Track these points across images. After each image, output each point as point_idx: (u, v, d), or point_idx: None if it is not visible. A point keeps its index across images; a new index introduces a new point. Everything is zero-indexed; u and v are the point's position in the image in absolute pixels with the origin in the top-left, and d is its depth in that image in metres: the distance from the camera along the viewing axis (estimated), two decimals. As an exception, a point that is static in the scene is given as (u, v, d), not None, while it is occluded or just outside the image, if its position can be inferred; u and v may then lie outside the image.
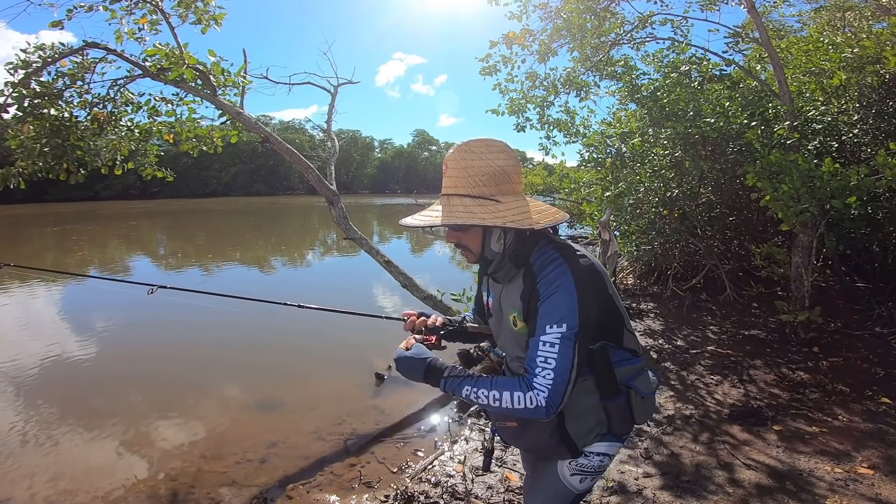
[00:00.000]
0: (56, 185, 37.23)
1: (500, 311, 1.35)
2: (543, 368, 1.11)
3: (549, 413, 1.12)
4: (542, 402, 1.11)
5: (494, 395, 1.15)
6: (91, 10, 4.22)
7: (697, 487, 2.57)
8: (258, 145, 5.03)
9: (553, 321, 1.13)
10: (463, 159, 1.21)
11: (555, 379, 1.10)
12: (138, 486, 2.90)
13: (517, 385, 1.14)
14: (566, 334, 1.11)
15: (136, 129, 4.98)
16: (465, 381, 1.20)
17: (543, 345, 1.12)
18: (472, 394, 1.18)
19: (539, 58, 6.13)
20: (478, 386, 1.18)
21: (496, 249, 1.26)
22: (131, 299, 7.98)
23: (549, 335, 1.12)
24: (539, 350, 1.13)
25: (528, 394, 1.12)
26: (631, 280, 7.43)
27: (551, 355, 1.11)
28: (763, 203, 3.93)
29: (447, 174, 1.24)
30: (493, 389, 1.16)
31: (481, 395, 1.17)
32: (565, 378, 1.11)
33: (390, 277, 4.85)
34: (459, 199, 1.20)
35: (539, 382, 1.11)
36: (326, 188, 4.84)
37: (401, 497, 2.62)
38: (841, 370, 3.96)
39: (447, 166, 1.24)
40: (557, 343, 1.11)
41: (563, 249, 1.22)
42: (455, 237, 1.29)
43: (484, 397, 1.16)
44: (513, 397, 1.13)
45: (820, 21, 6.89)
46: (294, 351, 5.51)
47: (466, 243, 1.28)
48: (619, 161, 5.46)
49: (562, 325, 1.12)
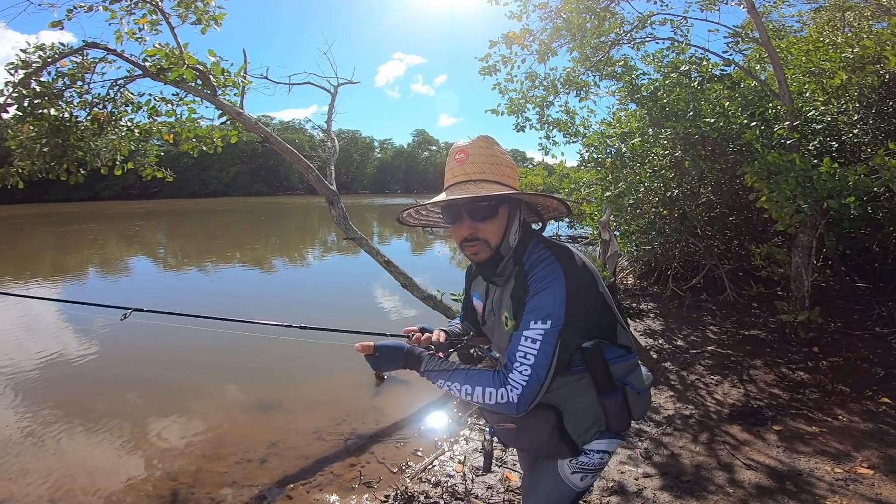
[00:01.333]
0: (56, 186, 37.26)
1: (493, 314, 1.34)
2: (521, 363, 1.10)
3: (519, 410, 1.10)
4: (515, 398, 1.09)
5: (467, 389, 1.15)
6: (91, 10, 4.22)
7: (697, 488, 2.57)
8: (258, 145, 5.05)
9: (538, 317, 1.11)
10: (488, 148, 1.23)
11: (531, 376, 1.09)
12: (138, 486, 2.90)
13: (491, 380, 1.13)
14: (549, 331, 1.10)
15: (136, 129, 4.99)
16: (441, 373, 1.19)
17: (525, 339, 1.11)
18: (446, 385, 1.18)
19: (539, 58, 6.13)
20: (452, 379, 1.17)
21: (512, 243, 1.25)
22: (131, 299, 7.98)
23: (532, 330, 1.11)
24: (520, 344, 1.11)
25: (501, 389, 1.11)
26: (631, 280, 7.43)
27: (531, 351, 1.10)
28: (760, 204, 3.93)
29: (469, 160, 1.22)
30: (467, 383, 1.15)
31: (454, 388, 1.16)
32: (542, 376, 1.09)
33: (390, 277, 4.85)
34: (490, 184, 1.20)
35: (514, 378, 1.10)
36: (326, 188, 4.84)
37: (401, 497, 2.62)
38: (841, 370, 3.96)
39: (466, 154, 1.22)
40: (539, 339, 1.10)
41: (553, 248, 1.21)
42: (473, 228, 1.22)
43: (457, 390, 1.16)
44: (484, 392, 1.12)
45: (820, 21, 6.89)
46: (294, 351, 5.51)
47: (485, 235, 1.22)
48: (619, 161, 5.45)
49: (546, 321, 1.10)
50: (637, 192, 5.83)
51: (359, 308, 7.53)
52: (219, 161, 58.54)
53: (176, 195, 52.83)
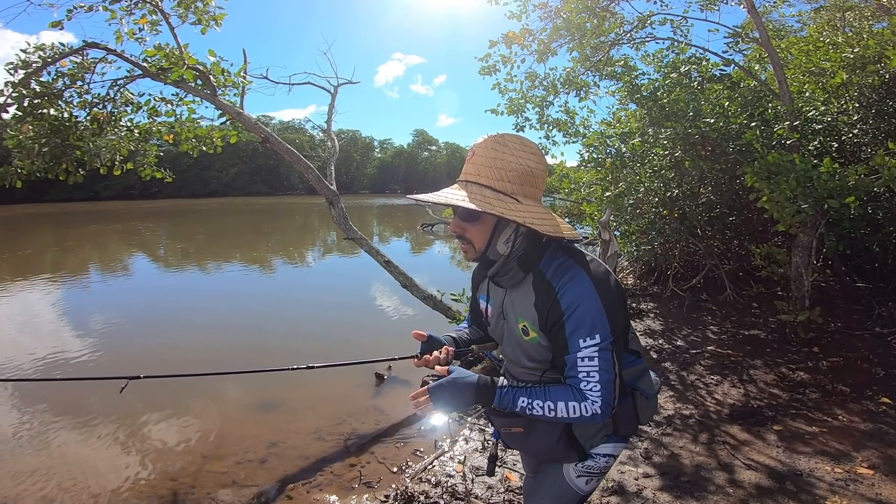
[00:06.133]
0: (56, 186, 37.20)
1: (503, 317, 1.30)
2: (588, 382, 1.10)
3: (604, 417, 1.12)
4: (598, 409, 1.10)
5: (549, 406, 1.13)
6: (91, 11, 4.23)
7: (697, 488, 2.57)
8: (258, 145, 5.04)
9: (585, 335, 1.10)
10: (494, 150, 1.16)
11: (603, 388, 1.10)
12: (138, 486, 2.90)
13: (570, 395, 1.12)
14: (602, 345, 1.10)
15: (136, 130, 4.99)
16: (519, 391, 1.16)
17: (582, 360, 1.11)
18: (528, 405, 1.14)
19: (538, 57, 6.12)
20: (532, 397, 1.14)
21: (501, 251, 1.20)
22: (130, 300, 7.99)
23: (585, 350, 1.10)
24: (579, 367, 1.11)
25: (584, 403, 1.11)
26: (631, 280, 7.43)
27: (593, 369, 1.10)
28: (760, 204, 3.92)
29: (471, 160, 1.18)
30: (548, 400, 1.13)
31: (536, 406, 1.13)
32: (612, 385, 1.11)
33: (390, 277, 4.85)
34: (479, 188, 1.15)
35: (591, 393, 1.11)
36: (326, 188, 4.84)
37: (401, 497, 2.62)
38: (841, 370, 3.96)
39: (474, 153, 1.18)
40: (596, 356, 1.10)
41: (575, 255, 1.19)
42: (460, 228, 1.21)
43: (539, 408, 1.13)
44: (568, 407, 1.12)
45: (820, 21, 6.88)
46: (294, 351, 5.51)
47: (471, 237, 1.21)
48: (618, 161, 5.45)
49: (595, 336, 1.10)
50: (637, 192, 5.83)
51: (359, 308, 7.53)
52: (219, 161, 58.56)
53: (176, 195, 52.81)
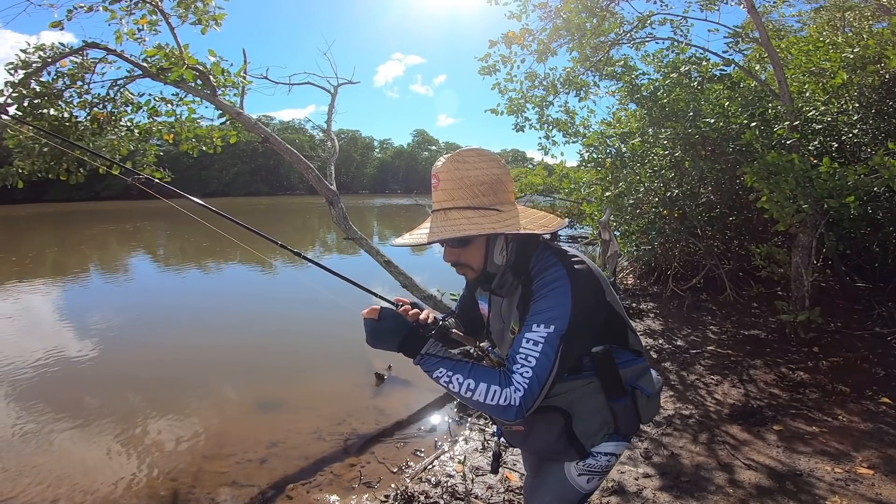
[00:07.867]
0: (56, 185, 37.16)
1: (501, 322, 1.32)
2: (522, 365, 1.07)
3: (518, 416, 1.05)
4: (517, 401, 1.05)
5: (469, 384, 1.08)
6: (91, 11, 4.22)
7: (697, 488, 2.57)
8: (258, 145, 5.03)
9: (541, 320, 1.09)
10: (457, 170, 1.15)
11: (531, 379, 1.05)
12: (138, 486, 2.90)
13: (496, 378, 1.08)
14: (552, 335, 1.07)
15: (136, 129, 4.98)
16: (443, 360, 1.12)
17: (527, 342, 1.08)
18: (445, 377, 1.10)
19: (538, 57, 6.13)
20: (455, 370, 1.10)
21: (499, 262, 1.20)
22: (130, 300, 7.99)
23: (535, 333, 1.08)
24: (522, 346, 1.08)
25: (506, 389, 1.06)
26: (631, 280, 7.43)
27: (532, 353, 1.07)
28: (760, 204, 3.93)
29: (440, 188, 1.17)
30: (470, 378, 1.09)
31: (454, 381, 1.09)
32: (542, 380, 1.06)
33: (390, 277, 4.85)
34: (459, 211, 1.14)
35: (517, 380, 1.06)
36: (326, 188, 4.84)
37: (401, 497, 2.61)
38: (841, 370, 3.96)
39: (439, 179, 1.17)
40: (541, 342, 1.07)
41: (560, 254, 1.19)
42: (454, 255, 1.21)
43: (458, 383, 1.09)
44: (489, 390, 1.07)
45: (820, 21, 6.89)
46: (294, 351, 5.51)
47: (467, 260, 1.21)
48: (618, 161, 5.46)
49: (549, 325, 1.08)
50: (637, 192, 5.83)
51: (359, 308, 7.51)
52: (219, 161, 58.54)
53: (176, 195, 52.75)
